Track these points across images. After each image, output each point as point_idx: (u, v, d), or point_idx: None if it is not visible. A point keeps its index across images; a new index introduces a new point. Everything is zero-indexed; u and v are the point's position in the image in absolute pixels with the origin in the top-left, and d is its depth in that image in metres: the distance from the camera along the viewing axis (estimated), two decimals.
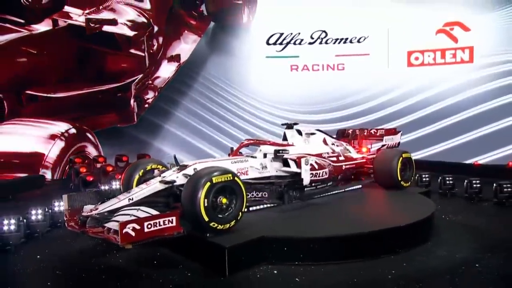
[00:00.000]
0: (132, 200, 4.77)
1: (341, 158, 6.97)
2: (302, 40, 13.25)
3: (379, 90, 12.84)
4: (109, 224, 4.27)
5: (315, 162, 6.20)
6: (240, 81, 13.35)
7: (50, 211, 6.07)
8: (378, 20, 12.93)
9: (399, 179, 6.95)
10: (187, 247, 4.84)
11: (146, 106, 12.14)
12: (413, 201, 6.34)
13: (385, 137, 7.78)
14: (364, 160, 7.39)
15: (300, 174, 5.91)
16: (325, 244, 4.69)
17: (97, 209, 4.64)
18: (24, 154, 10.37)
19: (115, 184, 7.81)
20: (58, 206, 6.16)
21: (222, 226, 4.63)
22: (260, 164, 5.89)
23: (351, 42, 13.13)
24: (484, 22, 12.12)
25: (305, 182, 5.96)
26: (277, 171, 6.00)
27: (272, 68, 13.37)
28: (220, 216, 4.64)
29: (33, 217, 5.75)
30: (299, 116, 13.04)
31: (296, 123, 6.92)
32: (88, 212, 4.63)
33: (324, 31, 13.16)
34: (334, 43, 13.18)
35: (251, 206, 5.72)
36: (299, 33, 13.21)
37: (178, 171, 5.18)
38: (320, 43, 13.20)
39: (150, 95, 12.15)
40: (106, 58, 11.60)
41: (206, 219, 4.48)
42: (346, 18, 13.10)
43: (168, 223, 4.27)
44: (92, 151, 11.06)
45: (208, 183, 4.50)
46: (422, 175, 8.60)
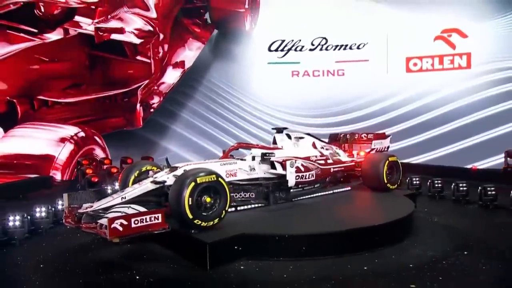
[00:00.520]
0: (125, 198, 5.17)
1: (330, 161, 7.27)
2: (303, 46, 13.58)
3: (378, 95, 13.06)
4: (101, 220, 4.67)
5: (301, 164, 6.54)
6: (242, 86, 13.72)
7: (53, 209, 6.53)
8: (377, 27, 13.16)
9: (386, 182, 7.21)
10: (174, 243, 5.24)
11: (152, 110, 12.62)
12: (395, 203, 6.59)
13: (373, 141, 8.05)
14: (353, 164, 7.68)
15: (286, 176, 6.26)
16: (303, 241, 5.01)
17: (92, 206, 5.07)
18: (36, 156, 10.92)
19: (117, 185, 8.24)
20: (61, 204, 6.60)
21: (206, 223, 5.00)
22: (248, 166, 6.24)
23: (350, 48, 13.40)
24: (481, 29, 12.26)
25: (290, 184, 6.30)
26: (265, 173, 6.34)
27: (274, 74, 13.71)
28: (204, 214, 5.01)
29: (37, 214, 6.22)
30: (300, 119, 13.38)
31: (285, 127, 7.28)
32: (84, 210, 5.05)
33: (325, 38, 13.47)
34: (334, 49, 13.47)
35: (238, 205, 6.09)
36: (300, 40, 13.56)
37: (169, 172, 5.58)
38: (321, 49, 13.50)
39: (156, 100, 12.64)
40: (113, 64, 12.13)
41: (190, 216, 4.85)
42: (346, 25, 13.37)
43: (154, 220, 4.66)
44: (99, 154, 11.58)
45: (193, 183, 4.88)
46: (412, 178, 8.82)
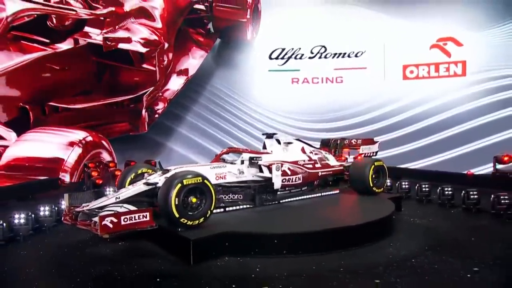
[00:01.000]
0: (119, 198, 5.61)
1: (318, 165, 7.63)
2: (302, 54, 13.99)
3: (376, 102, 13.37)
4: (95, 218, 5.13)
5: (288, 168, 6.93)
6: (244, 93, 14.17)
7: (56, 208, 7.03)
8: (374, 36, 13.52)
9: (371, 185, 7.55)
10: (163, 240, 5.67)
11: (156, 116, 13.14)
12: (376, 205, 6.91)
13: (362, 147, 8.37)
14: (341, 168, 8.02)
15: (272, 179, 6.65)
16: (282, 240, 5.39)
17: (88, 205, 5.53)
18: (46, 159, 11.46)
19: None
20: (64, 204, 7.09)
21: (192, 222, 5.41)
22: (237, 169, 6.64)
23: (349, 56, 13.76)
24: (476, 38, 12.55)
25: (276, 186, 6.69)
26: (253, 176, 6.73)
27: (274, 81, 14.15)
28: (190, 213, 5.43)
29: (41, 213, 6.73)
30: (299, 123, 13.82)
31: (275, 133, 7.67)
32: (80, 208, 5.52)
33: (324, 46, 13.86)
34: (333, 57, 13.85)
35: (227, 206, 6.51)
36: (300, 48, 13.97)
37: (162, 174, 6.02)
38: (320, 57, 13.89)
39: (160, 106, 13.15)
40: (120, 72, 12.67)
41: (177, 215, 5.28)
42: (344, 34, 13.75)
43: (142, 218, 5.09)
44: (106, 157, 12.09)
45: (179, 185, 5.31)
46: (402, 182, 9.11)
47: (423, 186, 8.62)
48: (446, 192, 8.09)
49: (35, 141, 11.41)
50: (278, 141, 7.49)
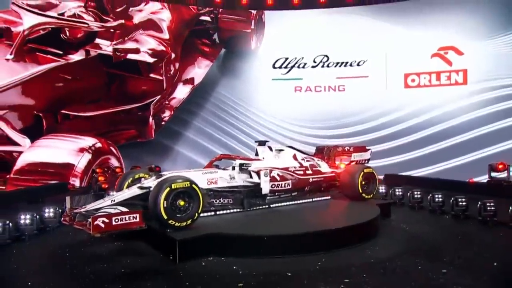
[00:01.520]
0: (114, 201, 6.02)
1: (309, 171, 7.90)
2: (305, 64, 14.31)
3: (377, 110, 13.56)
4: (89, 219, 5.54)
5: (277, 174, 7.24)
6: (248, 100, 14.53)
7: (60, 210, 7.49)
8: (376, 45, 13.75)
9: (361, 192, 7.78)
10: (155, 240, 6.05)
11: (163, 123, 13.65)
12: (363, 210, 7.10)
13: (353, 154, 8.61)
14: (333, 174, 8.28)
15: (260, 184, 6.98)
16: (265, 241, 5.69)
17: (85, 207, 5.96)
18: (58, 164, 12.08)
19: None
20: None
21: (180, 223, 5.78)
22: (228, 175, 6.99)
23: (351, 65, 14.02)
24: (477, 48, 12.65)
25: (264, 191, 7.01)
26: (244, 182, 7.07)
27: (278, 90, 14.50)
28: (178, 215, 5.79)
29: (46, 214, 7.20)
30: (302, 129, 14.12)
31: (267, 140, 8.00)
32: (78, 210, 5.94)
33: (326, 56, 14.16)
34: (335, 66, 14.13)
35: (217, 210, 6.86)
36: (303, 58, 14.30)
37: (156, 179, 6.41)
38: (322, 66, 14.19)
39: (167, 114, 13.67)
40: (129, 81, 13.27)
41: (165, 217, 5.65)
42: (346, 43, 14.04)
43: (132, 219, 5.45)
44: (114, 163, 12.64)
45: (168, 188, 5.69)
46: (396, 190, 9.29)
47: (415, 193, 8.77)
48: (437, 199, 8.24)
49: (47, 147, 12.05)
50: (270, 148, 7.81)
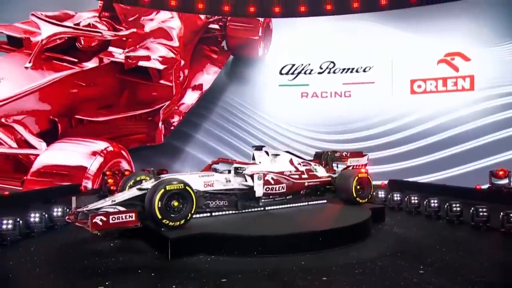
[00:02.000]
0: (115, 201, 6.41)
1: (305, 176, 8.15)
2: (312, 70, 14.54)
3: (384, 115, 13.65)
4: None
5: (271, 178, 7.51)
6: (255, 106, 14.78)
7: (68, 209, 7.93)
8: (382, 51, 13.86)
9: (355, 196, 7.96)
10: (150, 238, 6.41)
11: (172, 128, 14.11)
12: (354, 214, 7.28)
13: (349, 159, 8.79)
14: (329, 179, 8.49)
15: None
16: (254, 241, 5.96)
17: (87, 206, 6.37)
18: (72, 167, 12.65)
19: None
20: None
21: (173, 223, 6.12)
22: (225, 178, 7.31)
23: (357, 71, 14.17)
24: (484, 54, 12.62)
25: (258, 194, 7.29)
26: (239, 185, 7.38)
27: (284, 95, 14.75)
28: (172, 215, 6.14)
29: (54, 213, 7.67)
30: (310, 133, 14.31)
31: (263, 145, 8.28)
32: (80, 209, 6.35)
33: (332, 62, 14.36)
34: (342, 72, 14.30)
35: (213, 211, 7.18)
36: (309, 64, 14.53)
37: (155, 181, 6.78)
38: (329, 72, 14.38)
39: (176, 119, 14.13)
40: (140, 87, 13.79)
41: (160, 217, 6.00)
42: (352, 49, 14.18)
43: (128, 218, 5.85)
44: (125, 166, 13.15)
45: (162, 190, 6.04)
46: (394, 195, 9.41)
47: (412, 198, 8.88)
48: (433, 204, 8.34)
49: (62, 150, 12.64)
50: (267, 153, 8.09)
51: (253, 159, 8.06)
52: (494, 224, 7.18)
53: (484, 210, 7.28)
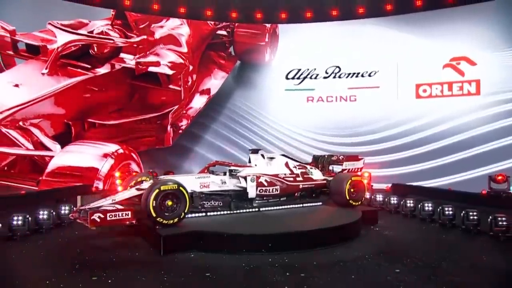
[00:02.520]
0: (115, 200, 6.83)
1: (299, 178, 8.40)
2: (317, 75, 14.74)
3: (389, 120, 13.73)
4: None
5: (265, 180, 7.80)
6: (262, 110, 15.05)
7: (75, 208, 8.39)
8: (387, 56, 13.94)
9: (348, 199, 8.15)
10: (147, 235, 6.78)
11: (180, 132, 14.55)
12: (345, 216, 7.47)
13: (345, 163, 8.97)
14: (324, 182, 8.70)
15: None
16: (242, 239, 6.26)
17: (89, 205, 6.79)
18: (84, 168, 13.18)
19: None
20: None
21: (167, 221, 6.47)
22: (220, 180, 7.64)
23: (362, 76, 14.29)
24: (490, 58, 12.55)
25: (250, 195, 7.59)
26: (234, 186, 7.70)
27: (290, 100, 14.99)
28: (166, 214, 6.49)
29: (62, 211, 8.14)
30: (315, 136, 14.51)
31: (260, 149, 8.57)
32: (83, 207, 6.78)
33: (338, 67, 14.53)
34: (347, 77, 14.45)
35: (208, 211, 7.50)
36: (315, 69, 14.74)
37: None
38: (334, 77, 14.55)
39: (184, 123, 14.55)
40: (149, 92, 14.29)
41: (154, 215, 6.36)
42: (358, 54, 14.32)
43: (125, 215, 6.25)
44: (134, 167, 13.64)
45: (157, 190, 6.41)
46: (391, 199, 9.53)
47: (408, 202, 8.99)
48: (427, 208, 8.44)
49: (75, 152, 13.17)
50: (263, 156, 8.38)
51: (250, 162, 8.36)
52: (484, 228, 7.26)
53: (475, 214, 7.37)
